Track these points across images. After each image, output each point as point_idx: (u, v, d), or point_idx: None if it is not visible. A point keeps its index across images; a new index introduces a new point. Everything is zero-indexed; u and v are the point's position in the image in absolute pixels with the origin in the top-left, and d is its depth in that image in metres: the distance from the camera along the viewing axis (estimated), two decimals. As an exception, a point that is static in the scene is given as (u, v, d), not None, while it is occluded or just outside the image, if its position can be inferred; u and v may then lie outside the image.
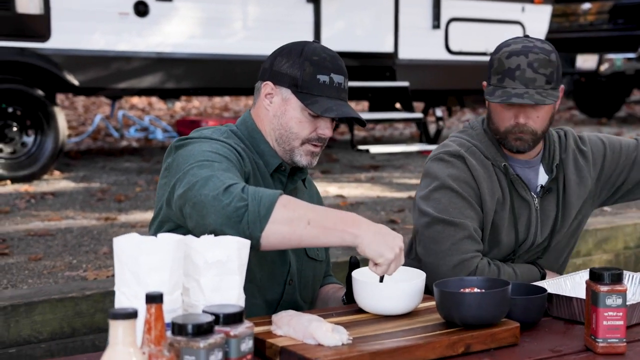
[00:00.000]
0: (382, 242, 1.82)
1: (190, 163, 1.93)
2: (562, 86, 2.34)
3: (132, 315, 1.37)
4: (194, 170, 1.89)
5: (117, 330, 1.37)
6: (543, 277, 2.40)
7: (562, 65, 2.31)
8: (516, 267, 2.38)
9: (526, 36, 2.36)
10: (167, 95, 7.30)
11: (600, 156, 2.49)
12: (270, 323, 1.83)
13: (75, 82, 6.25)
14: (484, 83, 2.38)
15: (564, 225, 2.45)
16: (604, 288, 1.79)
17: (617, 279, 1.80)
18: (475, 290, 1.91)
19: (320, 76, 2.08)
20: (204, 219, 1.82)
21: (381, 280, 1.94)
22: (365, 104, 10.02)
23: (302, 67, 2.09)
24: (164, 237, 1.63)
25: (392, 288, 1.93)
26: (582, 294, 2.02)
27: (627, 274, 2.19)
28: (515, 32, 8.50)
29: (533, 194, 2.40)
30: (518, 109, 2.29)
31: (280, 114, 2.13)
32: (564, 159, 2.44)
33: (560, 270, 2.54)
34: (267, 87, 2.15)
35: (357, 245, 1.83)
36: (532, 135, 2.31)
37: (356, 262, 2.07)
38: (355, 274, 2.01)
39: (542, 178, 2.42)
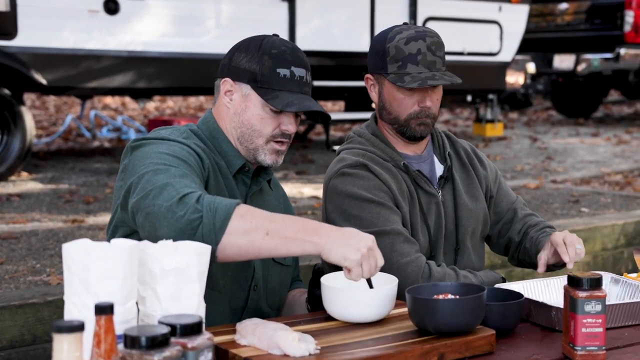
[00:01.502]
0: (345, 244, 1.74)
1: (145, 166, 1.84)
2: None
3: (77, 328, 1.28)
4: (149, 176, 1.81)
5: (62, 344, 1.28)
6: (503, 280, 2.34)
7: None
8: (473, 272, 2.33)
9: (405, 23, 2.36)
10: (139, 94, 7.19)
11: (494, 176, 2.51)
12: (234, 332, 1.76)
13: (44, 81, 6.12)
14: (368, 75, 2.37)
15: (462, 217, 2.38)
16: (582, 294, 1.72)
17: (596, 284, 1.73)
18: (449, 296, 1.84)
19: (280, 70, 2.01)
20: (157, 230, 1.74)
21: (371, 286, 1.84)
22: (341, 104, 9.96)
23: (261, 62, 2.01)
24: (117, 243, 1.54)
25: (362, 294, 1.85)
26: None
27: (607, 275, 2.13)
28: (492, 31, 8.48)
29: (435, 186, 2.37)
30: (422, 94, 2.29)
31: (240, 111, 2.05)
32: (451, 152, 2.44)
33: None
34: (226, 84, 2.07)
35: (320, 253, 1.75)
36: (432, 119, 2.33)
37: (320, 269, 1.99)
38: (324, 279, 1.92)
39: (439, 169, 2.41)
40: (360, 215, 2.23)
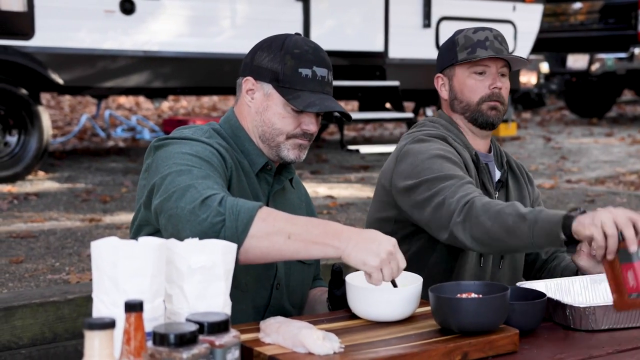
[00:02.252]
0: (365, 249, 1.74)
1: (168, 167, 1.85)
2: None
3: (109, 325, 1.29)
4: (172, 177, 1.83)
5: (94, 341, 1.29)
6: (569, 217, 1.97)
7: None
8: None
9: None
10: (154, 94, 7.22)
11: (536, 196, 2.56)
12: (258, 330, 1.77)
13: (60, 81, 6.15)
14: (438, 75, 2.44)
15: None
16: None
17: None
18: (473, 295, 1.84)
19: (302, 70, 2.02)
20: (180, 233, 1.75)
21: (395, 285, 1.84)
22: (355, 104, 9.96)
23: (283, 61, 2.02)
24: (145, 241, 1.55)
25: (387, 293, 1.85)
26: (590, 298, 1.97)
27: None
28: (506, 31, 8.46)
29: (494, 187, 2.42)
30: (493, 77, 2.38)
31: (262, 110, 2.06)
32: (508, 161, 2.51)
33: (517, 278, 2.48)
34: (248, 82, 2.08)
35: (340, 257, 1.76)
36: (503, 105, 2.40)
37: (339, 269, 1.99)
38: (349, 278, 1.93)
39: (497, 174, 2.46)
40: (431, 167, 2.21)
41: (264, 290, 2.07)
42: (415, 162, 2.26)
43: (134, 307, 1.36)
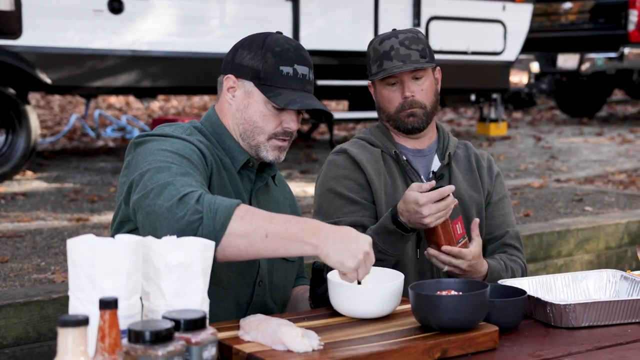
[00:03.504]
0: (344, 249, 1.75)
1: (148, 163, 1.85)
2: (438, 67, 2.48)
3: (82, 322, 1.29)
4: (150, 174, 1.82)
5: (67, 338, 1.28)
6: (394, 216, 2.23)
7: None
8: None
9: (394, 29, 2.48)
10: (143, 94, 7.20)
11: (500, 191, 2.54)
12: (238, 328, 1.77)
13: (48, 81, 6.13)
14: (369, 83, 2.49)
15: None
16: None
17: None
18: (453, 292, 1.84)
19: (283, 67, 2.02)
20: (157, 230, 1.75)
21: (359, 282, 1.85)
22: (345, 103, 9.97)
23: (265, 59, 2.02)
24: (122, 238, 1.54)
25: (369, 290, 1.85)
26: (569, 295, 1.97)
27: (617, 273, 2.15)
28: (495, 30, 8.48)
29: (424, 179, 2.45)
30: (403, 87, 2.40)
31: (243, 108, 2.06)
32: (458, 153, 2.52)
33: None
34: (229, 80, 2.08)
35: (318, 255, 1.76)
36: (421, 109, 2.41)
37: (320, 267, 1.99)
38: (331, 275, 1.93)
39: (436, 166, 2.48)
40: (321, 203, 2.43)
41: (247, 287, 2.07)
42: (316, 192, 2.48)
43: (108, 304, 1.35)
